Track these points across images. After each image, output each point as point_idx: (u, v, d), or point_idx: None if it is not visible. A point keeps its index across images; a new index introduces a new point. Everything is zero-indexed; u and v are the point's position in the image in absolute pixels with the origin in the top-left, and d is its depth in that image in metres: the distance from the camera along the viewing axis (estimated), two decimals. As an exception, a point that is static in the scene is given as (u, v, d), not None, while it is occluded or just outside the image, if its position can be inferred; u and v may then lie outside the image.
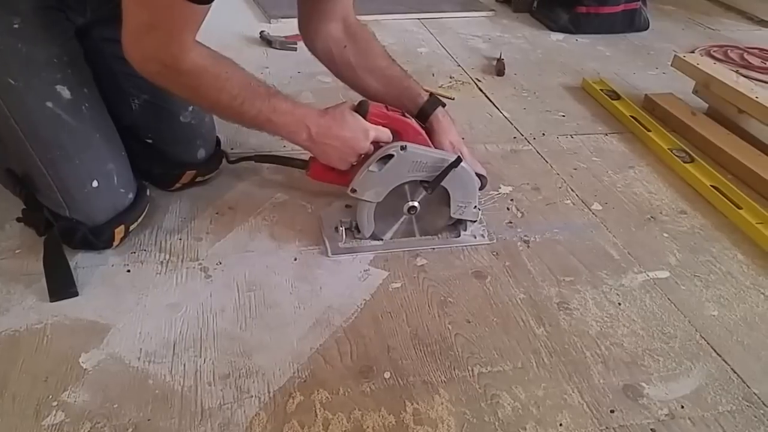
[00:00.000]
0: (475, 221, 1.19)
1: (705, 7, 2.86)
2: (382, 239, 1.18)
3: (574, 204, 1.34)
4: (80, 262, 1.08)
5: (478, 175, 1.16)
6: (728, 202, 1.33)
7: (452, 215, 1.16)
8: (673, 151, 1.52)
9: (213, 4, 0.93)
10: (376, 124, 1.11)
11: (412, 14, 2.42)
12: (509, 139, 1.59)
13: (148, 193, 1.17)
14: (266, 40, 2.08)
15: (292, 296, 1.05)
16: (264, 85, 1.07)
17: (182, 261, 1.10)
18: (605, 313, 1.06)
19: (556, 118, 1.73)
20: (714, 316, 1.07)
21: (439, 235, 1.20)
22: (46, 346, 0.93)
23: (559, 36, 2.39)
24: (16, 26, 0.99)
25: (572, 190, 1.39)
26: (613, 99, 1.79)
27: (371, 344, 0.97)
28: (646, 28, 2.47)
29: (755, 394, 0.93)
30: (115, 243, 1.10)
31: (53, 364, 0.90)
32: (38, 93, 1.01)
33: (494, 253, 1.18)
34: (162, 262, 1.10)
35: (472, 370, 0.94)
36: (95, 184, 1.06)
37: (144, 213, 1.15)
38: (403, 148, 1.07)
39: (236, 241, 1.16)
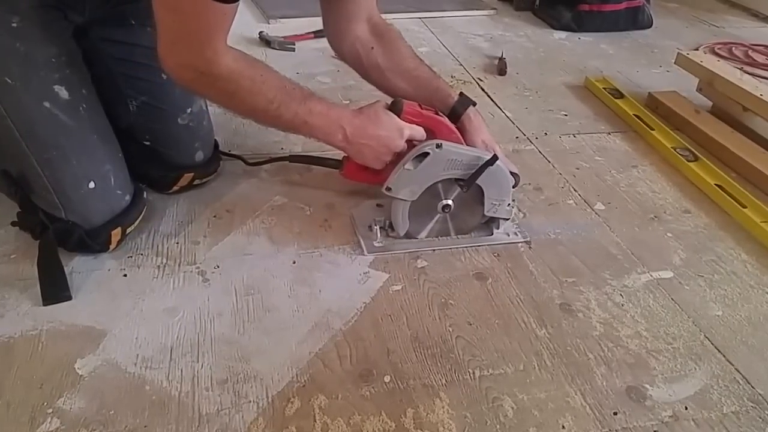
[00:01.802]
0: (508, 219, 1.19)
1: (709, 4, 2.85)
2: (415, 238, 1.17)
3: (576, 204, 1.33)
4: (76, 266, 1.07)
5: (512, 173, 1.16)
6: (732, 200, 1.32)
7: (486, 213, 1.16)
8: (677, 150, 1.50)
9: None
10: (410, 122, 1.11)
11: (413, 13, 2.41)
12: (511, 139, 1.58)
13: (145, 195, 1.17)
14: (265, 41, 2.07)
15: (290, 300, 1.04)
16: (298, 87, 1.07)
17: (179, 265, 1.09)
18: (608, 314, 1.04)
19: (559, 117, 1.72)
20: (718, 316, 1.06)
21: (473, 234, 1.20)
22: (41, 352, 0.92)
23: (562, 34, 2.38)
24: (14, 25, 0.99)
25: (575, 189, 1.37)
26: (616, 97, 1.78)
27: (371, 348, 0.96)
28: (650, 26, 2.45)
29: (760, 395, 0.92)
30: (112, 246, 1.09)
31: (48, 370, 0.89)
32: (36, 93, 1.01)
33: (495, 255, 1.16)
34: (159, 266, 1.09)
35: (473, 373, 0.92)
36: (92, 185, 1.05)
37: (141, 215, 1.14)
38: (438, 146, 1.07)
39: (234, 244, 1.15)
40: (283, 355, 0.93)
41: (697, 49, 2.24)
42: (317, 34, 2.12)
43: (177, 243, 1.14)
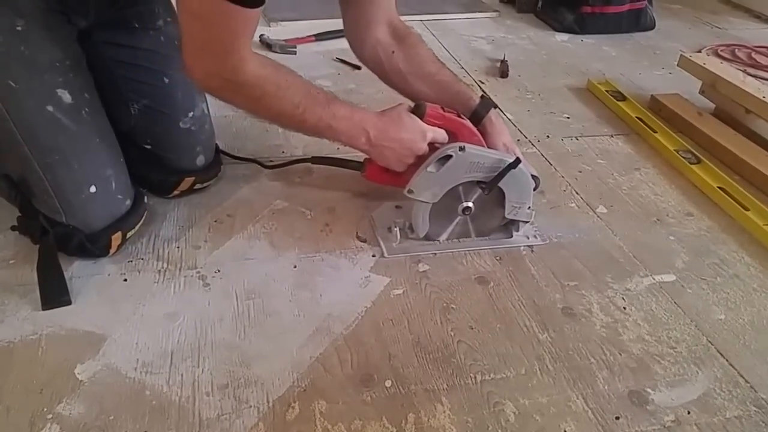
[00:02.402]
0: (528, 222, 1.19)
1: (712, 5, 2.84)
2: (435, 240, 1.18)
3: (578, 207, 1.32)
4: (76, 271, 1.07)
5: (532, 176, 1.16)
6: (735, 203, 1.31)
7: (506, 216, 1.16)
8: (680, 153, 1.49)
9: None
10: (432, 125, 1.11)
11: (415, 16, 2.40)
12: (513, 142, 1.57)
13: (146, 200, 1.16)
14: (266, 44, 2.07)
15: (291, 304, 1.03)
16: (322, 91, 1.09)
17: (180, 269, 1.09)
18: (610, 318, 1.04)
19: (561, 120, 1.71)
20: (721, 320, 1.05)
21: (491, 236, 1.20)
22: (41, 357, 0.91)
23: (564, 36, 2.37)
24: (19, 28, 0.99)
25: (577, 192, 1.37)
26: (618, 100, 1.77)
27: (372, 352, 0.95)
28: (652, 28, 2.45)
29: (763, 399, 0.91)
30: (112, 250, 1.09)
31: (48, 375, 0.88)
32: (39, 96, 1.01)
33: (497, 258, 1.16)
34: (159, 271, 1.08)
35: (475, 378, 0.92)
36: (93, 189, 1.05)
37: (142, 220, 1.14)
38: (461, 148, 1.07)
39: (235, 248, 1.15)
40: (284, 360, 0.93)
41: (699, 51, 2.23)
42: (318, 37, 2.12)
43: (178, 247, 1.14)
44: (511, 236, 1.20)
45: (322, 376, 0.91)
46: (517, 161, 1.10)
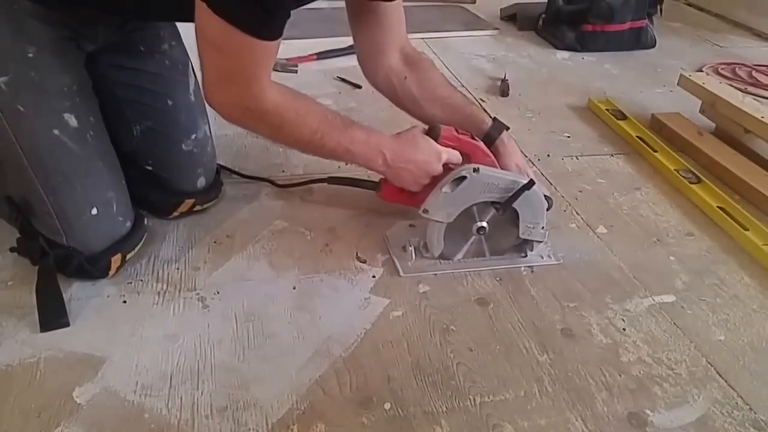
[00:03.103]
0: (541, 242, 1.20)
1: (712, 23, 2.85)
2: (449, 259, 1.19)
3: (578, 228, 1.32)
4: (75, 293, 1.07)
5: (545, 197, 1.17)
6: (735, 223, 1.31)
7: (520, 236, 1.17)
8: (680, 172, 1.50)
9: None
10: (446, 146, 1.13)
11: (415, 34, 2.41)
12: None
13: (145, 222, 1.17)
14: (269, 64, 2.08)
15: (290, 326, 1.03)
16: (339, 116, 1.12)
17: (179, 291, 1.09)
18: (610, 339, 1.04)
19: (561, 139, 1.72)
20: (721, 341, 1.05)
21: (506, 256, 1.21)
22: (39, 380, 0.91)
23: (565, 54, 2.39)
24: (30, 55, 1.01)
25: (577, 213, 1.37)
26: (619, 119, 1.78)
27: (371, 374, 0.95)
28: (653, 46, 2.46)
29: (762, 421, 0.91)
30: (112, 272, 1.09)
31: (46, 399, 0.88)
32: (46, 120, 1.02)
33: (498, 279, 1.16)
34: (159, 293, 1.09)
35: (474, 400, 0.92)
36: (94, 211, 1.06)
37: (141, 242, 1.14)
38: (475, 170, 1.09)
39: (234, 269, 1.15)
40: (283, 383, 0.93)
41: (700, 70, 2.24)
42: (320, 56, 2.14)
43: (177, 269, 1.14)
44: (526, 255, 1.21)
45: (321, 399, 0.91)
46: (532, 182, 1.11)
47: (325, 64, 2.12)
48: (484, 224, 1.16)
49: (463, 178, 1.10)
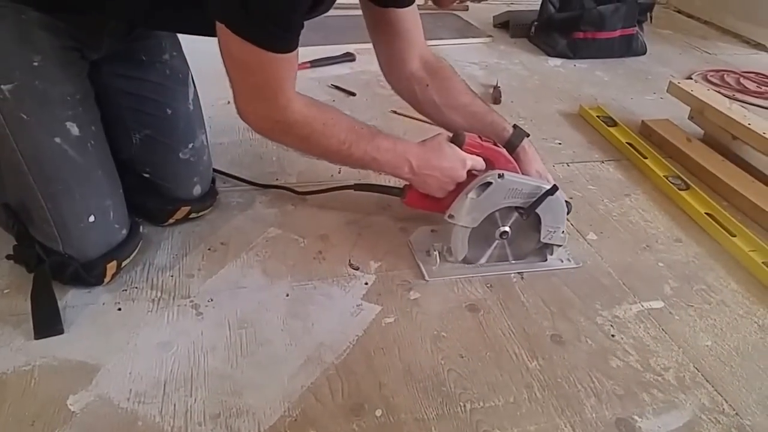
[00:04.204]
0: (561, 246, 1.22)
1: (702, 31, 2.88)
2: (473, 263, 1.21)
3: (569, 234, 1.33)
4: (70, 301, 1.08)
5: (565, 201, 1.20)
6: (722, 229, 1.33)
7: (542, 240, 1.20)
8: (669, 179, 1.52)
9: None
10: (470, 153, 1.16)
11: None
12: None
13: (141, 229, 1.18)
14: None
15: (283, 333, 1.04)
16: (366, 126, 1.14)
17: (174, 298, 1.10)
18: (599, 346, 1.05)
19: (552, 146, 1.73)
20: (707, 346, 1.06)
21: (527, 259, 1.23)
22: (33, 388, 0.92)
23: (557, 61, 2.41)
24: (35, 64, 1.01)
25: (567, 219, 1.37)
26: (609, 126, 1.79)
27: (363, 381, 0.96)
28: (644, 53, 2.49)
29: (748, 426, 0.92)
30: (107, 279, 1.10)
31: (40, 407, 0.89)
32: (48, 128, 1.03)
33: (488, 286, 1.17)
34: (153, 300, 1.09)
35: (464, 406, 0.93)
36: (92, 219, 1.07)
37: (137, 249, 1.15)
38: (500, 176, 1.12)
39: (228, 277, 1.16)
40: (276, 390, 0.94)
41: (690, 76, 2.27)
42: (313, 64, 2.15)
43: (172, 276, 1.15)
44: (545, 259, 1.24)
45: (313, 406, 0.92)
46: (555, 188, 1.14)
47: (319, 72, 2.13)
48: (507, 229, 1.18)
49: (489, 183, 1.12)
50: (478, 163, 1.16)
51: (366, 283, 1.16)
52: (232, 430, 0.87)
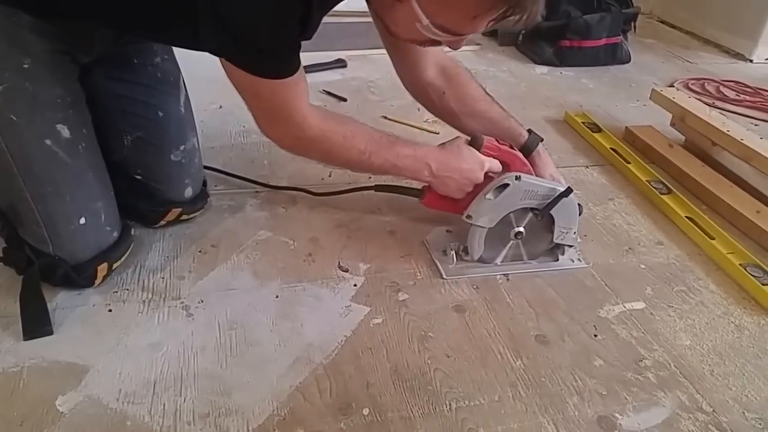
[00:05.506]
0: (572, 246, 1.26)
1: (684, 40, 2.92)
2: (488, 262, 1.25)
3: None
4: (60, 302, 1.08)
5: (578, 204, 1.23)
6: (702, 233, 1.36)
7: (554, 240, 1.23)
8: (651, 183, 1.54)
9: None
10: (488, 156, 1.19)
11: (398, 50, 2.46)
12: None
13: (132, 232, 1.19)
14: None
15: (273, 334, 1.06)
16: (384, 134, 1.18)
17: (164, 300, 1.11)
18: (581, 345, 1.07)
19: (538, 151, 1.75)
20: (687, 346, 1.09)
21: (539, 259, 1.27)
22: (22, 389, 0.92)
23: (544, 69, 2.44)
24: (26, 66, 1.02)
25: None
26: (594, 131, 1.82)
27: (351, 381, 0.98)
28: (628, 61, 2.52)
29: (725, 423, 0.95)
30: (97, 281, 1.11)
31: (29, 408, 0.89)
32: (39, 130, 1.04)
33: (475, 287, 1.19)
34: (144, 301, 1.10)
35: (450, 405, 0.95)
36: (83, 221, 1.08)
37: (128, 252, 1.16)
38: (517, 178, 1.16)
39: (218, 279, 1.17)
40: (264, 389, 0.95)
41: (672, 85, 2.30)
42: (305, 70, 2.15)
43: (162, 278, 1.16)
44: (557, 259, 1.27)
45: (301, 405, 0.93)
46: (569, 190, 1.17)
47: (311, 77, 2.08)
48: (522, 229, 1.21)
49: (506, 185, 1.16)
50: (496, 165, 1.20)
51: (355, 285, 1.18)
52: (221, 429, 0.89)
